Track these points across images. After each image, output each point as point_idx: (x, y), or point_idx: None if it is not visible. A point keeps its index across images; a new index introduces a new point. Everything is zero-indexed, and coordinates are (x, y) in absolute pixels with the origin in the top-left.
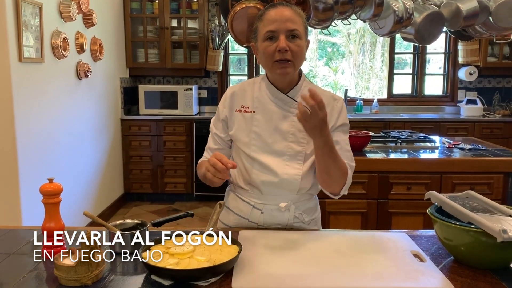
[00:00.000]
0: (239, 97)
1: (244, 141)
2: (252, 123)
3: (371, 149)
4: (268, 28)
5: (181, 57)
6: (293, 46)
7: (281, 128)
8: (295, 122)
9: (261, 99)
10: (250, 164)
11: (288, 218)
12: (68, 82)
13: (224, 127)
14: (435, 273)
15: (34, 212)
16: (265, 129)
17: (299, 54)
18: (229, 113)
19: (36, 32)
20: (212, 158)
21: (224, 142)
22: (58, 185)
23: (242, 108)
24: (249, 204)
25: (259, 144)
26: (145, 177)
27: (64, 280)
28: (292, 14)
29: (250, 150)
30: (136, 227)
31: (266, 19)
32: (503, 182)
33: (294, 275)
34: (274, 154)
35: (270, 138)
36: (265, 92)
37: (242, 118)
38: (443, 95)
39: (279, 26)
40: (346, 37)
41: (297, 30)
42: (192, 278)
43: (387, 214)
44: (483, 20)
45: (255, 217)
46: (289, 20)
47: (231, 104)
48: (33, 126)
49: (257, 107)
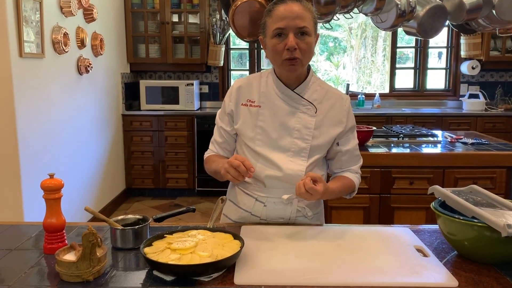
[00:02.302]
0: (246, 91)
1: (249, 136)
2: (257, 117)
3: (373, 144)
4: (277, 25)
5: (182, 52)
6: (302, 44)
7: (287, 124)
8: (301, 119)
9: (267, 94)
10: (254, 158)
11: (291, 211)
12: (69, 77)
13: (230, 121)
14: (438, 268)
15: (36, 207)
16: (270, 124)
17: (308, 52)
18: (235, 107)
19: (36, 27)
20: (234, 160)
21: (230, 136)
22: (59, 180)
23: (248, 102)
24: (252, 197)
25: (264, 139)
26: (147, 173)
27: (65, 276)
28: (301, 10)
29: (254, 145)
30: (138, 222)
31: (275, 15)
32: (506, 176)
33: (297, 270)
34: (278, 150)
35: (275, 134)
36: (272, 87)
37: (248, 112)
38: (445, 89)
39: (288, 24)
40: (348, 31)
41: (306, 27)
42: (194, 274)
43: (390, 209)
44: (486, 13)
45: (258, 210)
46: (298, 17)
47: (237, 98)
48: (34, 122)
49: (263, 102)
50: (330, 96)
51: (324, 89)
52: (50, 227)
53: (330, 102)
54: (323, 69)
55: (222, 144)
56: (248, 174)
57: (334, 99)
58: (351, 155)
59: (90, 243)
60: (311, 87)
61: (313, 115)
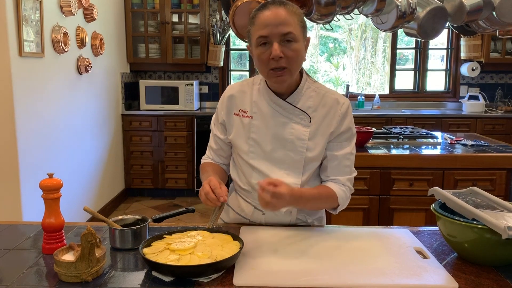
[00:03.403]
0: (238, 100)
1: (243, 149)
2: (250, 129)
3: (373, 145)
4: (260, 33)
5: (182, 52)
6: (288, 52)
7: (280, 136)
8: (294, 130)
9: (259, 104)
10: (248, 171)
11: (290, 220)
12: (68, 77)
13: (223, 129)
14: (438, 270)
15: (35, 207)
16: (263, 136)
17: (296, 59)
18: (227, 116)
19: (36, 26)
20: (206, 185)
21: (224, 143)
22: (58, 180)
23: (241, 113)
24: (251, 204)
25: (258, 151)
26: (146, 173)
27: (64, 276)
28: (285, 15)
29: (248, 158)
30: (137, 222)
31: (257, 23)
32: (505, 178)
33: (296, 272)
34: (272, 162)
35: (269, 146)
36: (264, 96)
37: (240, 123)
38: (445, 91)
39: (271, 31)
40: (348, 32)
41: (292, 33)
42: (193, 275)
43: (389, 210)
44: (486, 15)
45: (257, 218)
46: (282, 23)
47: (229, 107)
48: (33, 121)
49: (256, 113)
50: (326, 101)
51: (320, 94)
52: (48, 227)
53: (325, 108)
54: (323, 70)
55: (217, 151)
56: (218, 202)
57: (330, 105)
58: (339, 163)
59: (89, 243)
60: (305, 94)
61: (307, 125)
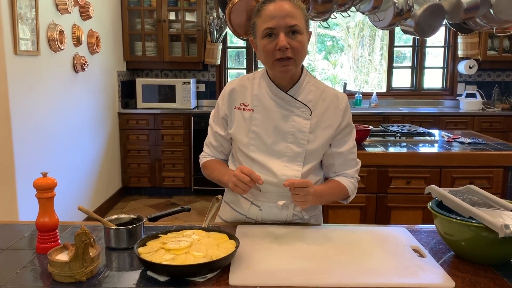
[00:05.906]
0: (239, 94)
1: (243, 142)
2: (251, 122)
3: (370, 143)
4: (267, 25)
5: (179, 50)
6: (293, 43)
7: (281, 128)
8: (295, 122)
9: (260, 97)
10: (248, 164)
11: (286, 215)
12: (64, 75)
13: (224, 125)
14: (435, 269)
15: (31, 206)
16: (264, 129)
17: (300, 51)
18: (229, 110)
19: (32, 24)
20: (241, 174)
21: (225, 140)
22: (52, 179)
23: (242, 106)
24: (247, 200)
25: (258, 144)
26: (143, 171)
27: (58, 276)
28: (291, 8)
29: (248, 150)
30: (132, 222)
31: (264, 15)
32: (502, 176)
33: (292, 271)
34: (273, 155)
35: (269, 139)
36: (265, 89)
37: (241, 116)
38: (442, 88)
39: (278, 23)
40: (345, 30)
41: (297, 25)
42: (189, 274)
43: (386, 208)
44: (483, 12)
45: (253, 213)
46: (288, 15)
47: (230, 101)
48: (29, 120)
49: (256, 106)
50: (326, 96)
51: (320, 89)
52: (43, 227)
53: (325, 103)
54: (321, 68)
55: (218, 148)
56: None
57: (330, 100)
58: (346, 159)
59: (83, 243)
60: (305, 88)
61: (308, 117)
